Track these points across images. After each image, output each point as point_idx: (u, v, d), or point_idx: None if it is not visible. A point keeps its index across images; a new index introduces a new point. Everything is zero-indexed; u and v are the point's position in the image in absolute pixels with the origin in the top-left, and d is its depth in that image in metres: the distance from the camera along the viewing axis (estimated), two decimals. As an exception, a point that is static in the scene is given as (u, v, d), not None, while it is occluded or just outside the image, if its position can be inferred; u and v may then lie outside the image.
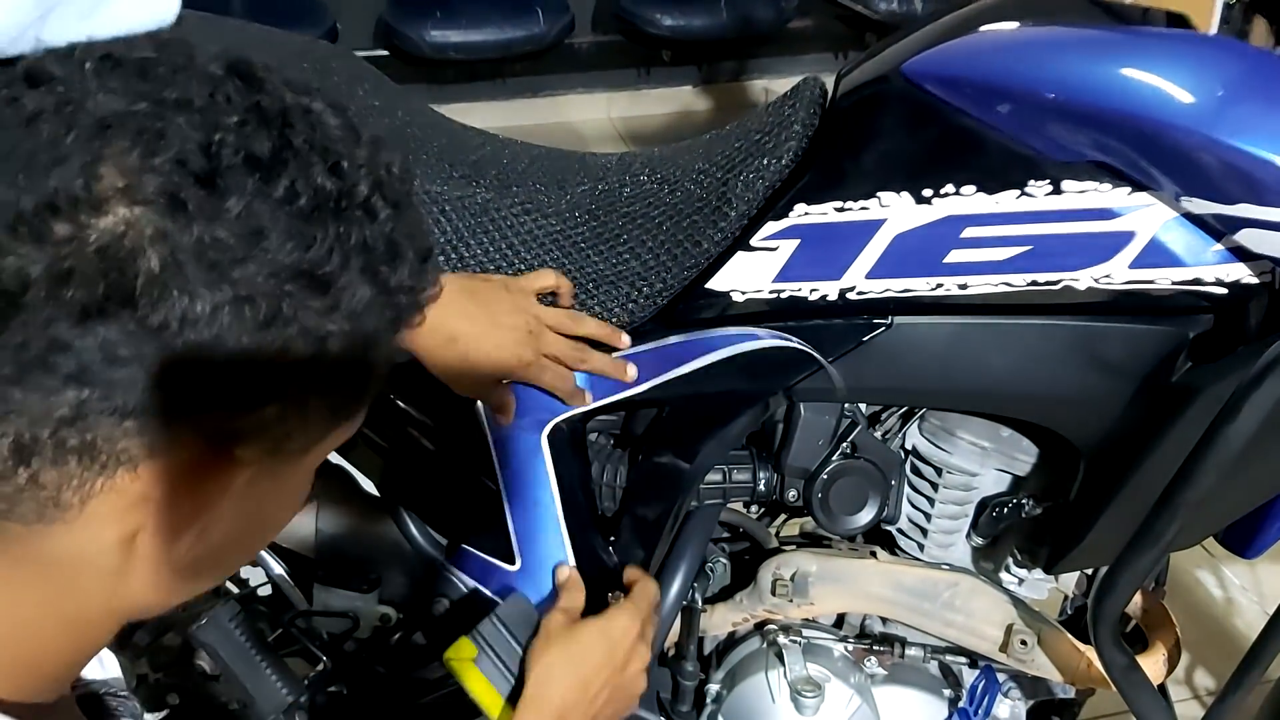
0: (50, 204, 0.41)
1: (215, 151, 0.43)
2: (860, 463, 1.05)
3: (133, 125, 0.43)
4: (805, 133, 0.99)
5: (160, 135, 0.43)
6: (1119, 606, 0.95)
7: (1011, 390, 0.98)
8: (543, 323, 0.96)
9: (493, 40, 3.21)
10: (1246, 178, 0.81)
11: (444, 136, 1.09)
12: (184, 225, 0.42)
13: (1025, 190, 0.90)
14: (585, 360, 0.98)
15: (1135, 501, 0.92)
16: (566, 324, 0.98)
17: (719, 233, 0.98)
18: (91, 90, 0.44)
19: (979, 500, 1.08)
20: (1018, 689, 1.16)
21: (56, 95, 0.44)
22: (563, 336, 0.97)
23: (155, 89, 0.44)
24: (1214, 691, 1.72)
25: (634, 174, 1.06)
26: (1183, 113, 0.82)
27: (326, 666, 1.09)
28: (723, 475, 1.07)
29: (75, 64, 0.45)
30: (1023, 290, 0.93)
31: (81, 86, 0.44)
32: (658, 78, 3.74)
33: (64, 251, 0.41)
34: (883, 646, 1.14)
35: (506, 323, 0.93)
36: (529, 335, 0.95)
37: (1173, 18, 0.98)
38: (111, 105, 0.43)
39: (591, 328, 0.99)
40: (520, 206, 1.02)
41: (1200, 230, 0.88)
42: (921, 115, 0.93)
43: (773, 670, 1.11)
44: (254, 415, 0.46)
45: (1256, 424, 0.81)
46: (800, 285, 0.96)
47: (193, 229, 0.42)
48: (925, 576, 1.10)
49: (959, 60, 0.93)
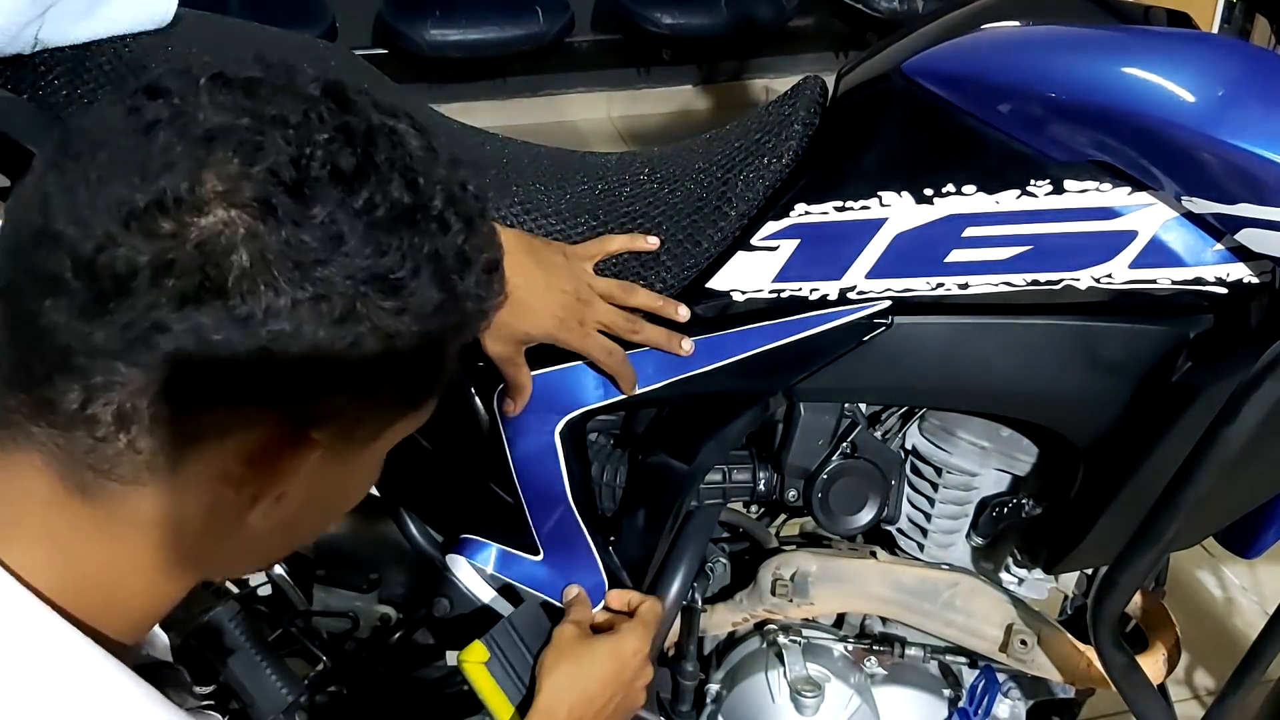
0: (159, 203, 0.47)
1: (305, 164, 0.49)
2: (860, 463, 1.05)
3: (235, 137, 0.48)
4: (806, 132, 0.99)
5: (258, 147, 0.48)
6: (1119, 606, 0.95)
7: (1012, 390, 0.98)
8: (595, 291, 0.96)
9: (492, 39, 3.21)
10: (1247, 177, 0.81)
11: (443, 136, 1.08)
12: (273, 228, 0.48)
13: (1026, 190, 0.90)
14: (638, 331, 0.97)
15: (1135, 501, 0.92)
16: (618, 294, 0.97)
17: (719, 232, 0.98)
18: (202, 104, 0.49)
19: (979, 500, 1.08)
20: (1018, 689, 1.16)
21: (172, 107, 0.49)
22: (615, 308, 0.97)
23: (257, 106, 0.50)
24: (1214, 691, 1.72)
25: (634, 174, 1.06)
26: (1184, 112, 0.82)
27: (326, 666, 1.09)
28: (723, 475, 1.07)
29: (190, 80, 0.51)
30: (1023, 290, 0.93)
31: (194, 101, 0.50)
32: (658, 77, 3.74)
33: (168, 245, 0.47)
34: (883, 646, 1.14)
35: (558, 285, 0.94)
36: (578, 302, 0.95)
37: (1174, 17, 0.98)
38: (218, 119, 0.49)
39: (643, 299, 0.98)
40: (520, 206, 1.02)
41: (1201, 230, 0.88)
42: (922, 114, 0.93)
43: (773, 670, 1.11)
44: (327, 401, 0.52)
45: (1256, 424, 0.81)
46: (800, 285, 0.96)
47: (281, 231, 0.48)
48: (925, 576, 1.10)
49: (960, 59, 0.93)
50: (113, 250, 0.47)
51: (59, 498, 0.51)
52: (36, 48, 0.93)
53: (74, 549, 0.52)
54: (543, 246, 0.96)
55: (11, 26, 0.90)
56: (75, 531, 0.52)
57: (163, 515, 0.52)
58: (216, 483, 0.52)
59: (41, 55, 0.94)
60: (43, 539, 0.52)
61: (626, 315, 0.97)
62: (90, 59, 0.95)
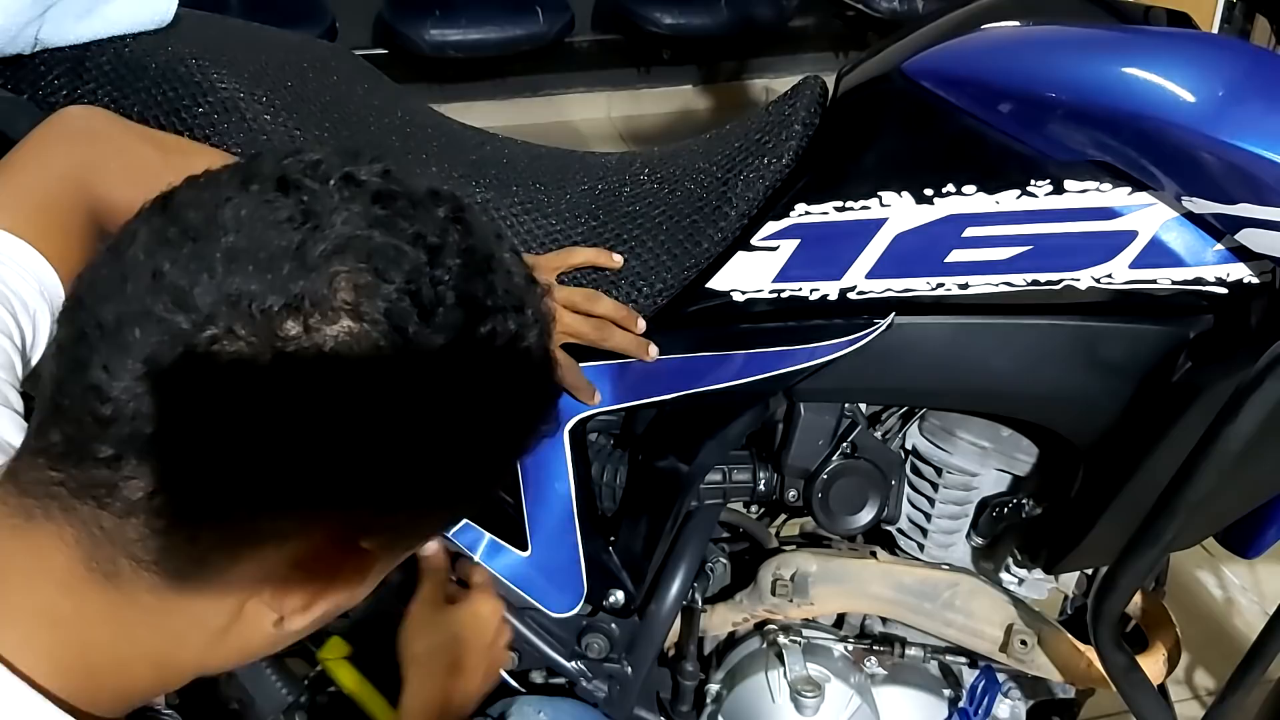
0: (288, 304, 0.46)
1: (438, 288, 0.48)
2: (860, 463, 1.05)
3: (369, 248, 0.47)
4: (806, 132, 0.99)
5: (395, 263, 0.47)
6: (1119, 606, 0.95)
7: (1012, 390, 0.98)
8: (556, 300, 0.96)
9: (492, 39, 3.21)
10: (1247, 177, 0.81)
11: (444, 136, 1.08)
12: (398, 346, 0.47)
13: (1026, 190, 0.90)
14: (606, 338, 0.97)
15: (1135, 501, 0.92)
16: (581, 303, 0.97)
17: (719, 232, 0.98)
18: (335, 206, 0.48)
19: (979, 500, 1.08)
20: (1018, 689, 1.16)
21: (303, 205, 0.48)
22: (580, 316, 0.97)
23: (392, 218, 0.49)
24: (1214, 691, 1.72)
25: (634, 174, 1.06)
26: (1184, 112, 0.82)
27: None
28: (723, 475, 1.07)
29: (320, 176, 0.50)
30: (1023, 290, 0.93)
31: (327, 202, 0.48)
32: (658, 77, 3.74)
33: (289, 346, 0.46)
34: (883, 646, 1.14)
35: None
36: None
37: (1174, 17, 0.98)
38: (354, 226, 0.48)
39: (607, 308, 0.98)
40: (520, 206, 1.02)
41: (1201, 230, 0.88)
42: (922, 115, 0.93)
43: (773, 670, 1.11)
44: (391, 517, 0.52)
45: (1256, 424, 0.81)
46: (800, 285, 0.96)
47: (405, 351, 0.47)
48: (925, 576, 1.10)
49: (960, 59, 0.92)
50: (227, 343, 0.45)
51: (76, 577, 0.49)
52: (36, 48, 0.94)
53: (77, 633, 0.50)
54: None
55: (11, 26, 0.90)
56: (82, 616, 0.50)
57: (189, 612, 0.51)
58: (257, 583, 0.51)
59: (41, 55, 0.94)
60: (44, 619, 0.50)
61: (595, 322, 0.97)
62: (90, 59, 0.95)
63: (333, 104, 1.03)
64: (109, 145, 0.82)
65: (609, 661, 1.10)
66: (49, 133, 0.81)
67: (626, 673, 1.11)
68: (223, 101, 0.95)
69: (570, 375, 0.98)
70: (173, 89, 0.95)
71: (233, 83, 0.96)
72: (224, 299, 0.45)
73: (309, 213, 0.48)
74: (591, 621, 1.10)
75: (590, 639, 1.10)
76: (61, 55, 0.95)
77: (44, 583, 0.49)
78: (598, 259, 0.99)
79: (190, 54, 0.97)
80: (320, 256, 0.47)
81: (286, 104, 0.98)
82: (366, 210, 0.49)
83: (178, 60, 0.96)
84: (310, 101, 1.01)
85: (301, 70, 1.03)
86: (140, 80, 0.95)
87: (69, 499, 0.48)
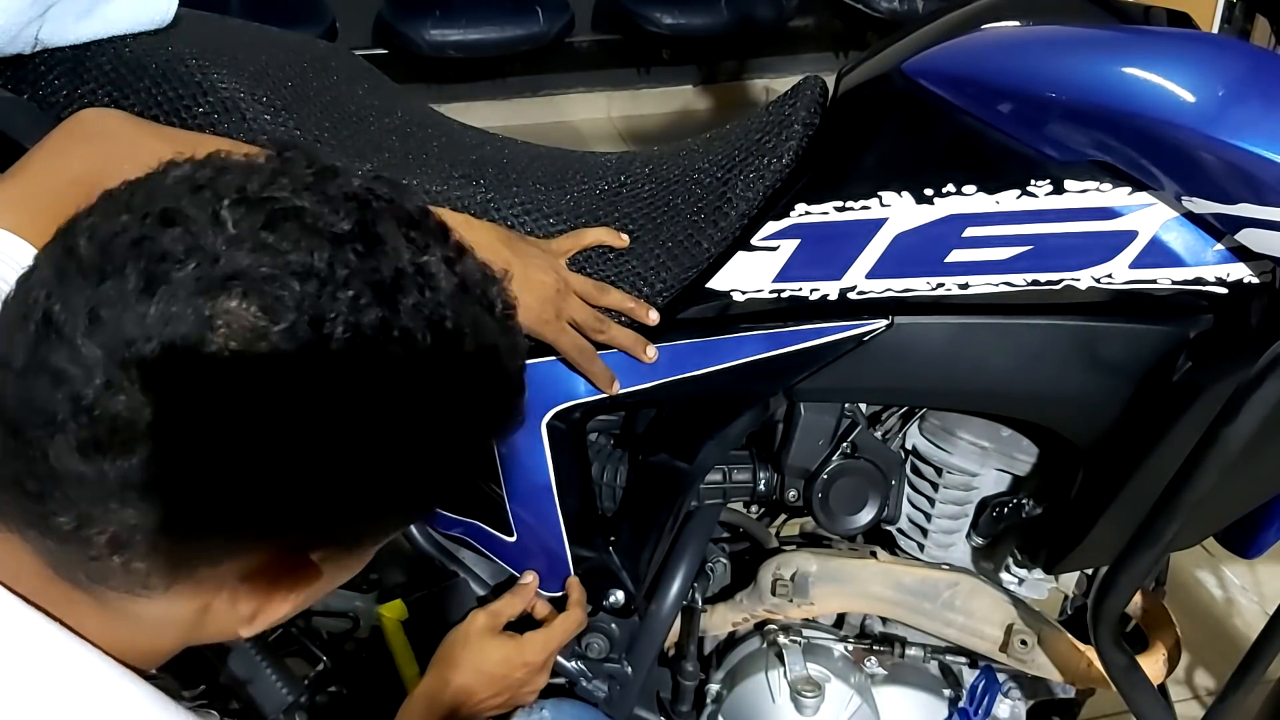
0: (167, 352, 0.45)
1: (325, 326, 0.47)
2: (860, 463, 1.05)
3: (251, 286, 0.46)
4: (806, 132, 0.99)
5: (277, 300, 0.46)
6: (1119, 606, 0.95)
7: (1012, 390, 0.98)
8: (570, 287, 0.96)
9: (492, 39, 3.21)
10: (1247, 177, 0.81)
11: (444, 136, 1.08)
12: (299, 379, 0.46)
13: (1026, 190, 0.89)
14: (604, 331, 0.97)
15: (1135, 501, 0.92)
16: (592, 293, 0.97)
17: (719, 232, 0.98)
18: (222, 236, 0.47)
19: (979, 500, 1.08)
20: (1018, 689, 1.16)
21: (187, 240, 0.46)
22: (587, 305, 0.97)
23: (279, 244, 0.47)
24: (1214, 691, 1.72)
25: (634, 174, 1.06)
26: (1184, 112, 0.82)
27: (326, 666, 1.09)
28: (723, 475, 1.07)
29: (208, 205, 0.47)
30: (1024, 290, 0.93)
31: (211, 234, 0.47)
32: (658, 77, 3.74)
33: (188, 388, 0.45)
34: (883, 646, 1.14)
35: (535, 277, 0.93)
36: (555, 294, 0.94)
37: (1174, 17, 0.98)
38: (236, 259, 0.46)
39: (616, 299, 0.98)
40: (520, 206, 1.02)
41: (1201, 230, 0.88)
42: (922, 114, 0.93)
43: (773, 670, 1.11)
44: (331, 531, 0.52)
45: (1256, 424, 0.81)
46: (801, 285, 0.96)
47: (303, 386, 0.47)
48: (925, 576, 1.10)
49: (960, 59, 0.92)
50: (113, 399, 0.45)
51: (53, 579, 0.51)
52: (36, 48, 0.93)
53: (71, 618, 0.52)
54: (518, 239, 0.97)
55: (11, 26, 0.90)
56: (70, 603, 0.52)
57: (155, 618, 0.53)
58: (211, 595, 0.52)
59: (41, 55, 0.94)
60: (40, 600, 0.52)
61: (596, 315, 0.97)
62: (90, 59, 0.95)
63: (333, 104, 1.03)
64: (122, 146, 0.83)
65: (609, 661, 1.11)
66: (63, 136, 0.82)
67: (626, 673, 1.11)
68: (223, 101, 0.95)
69: (588, 363, 0.98)
70: (173, 89, 0.95)
71: (233, 83, 0.96)
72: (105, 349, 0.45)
73: (192, 249, 0.46)
74: (591, 621, 1.10)
75: (590, 639, 1.10)
76: (61, 55, 0.95)
77: (28, 577, 0.52)
78: (607, 238, 0.99)
79: (190, 54, 0.97)
80: (197, 300, 0.45)
81: (286, 104, 0.98)
82: (254, 235, 0.47)
83: (178, 60, 0.96)
84: (310, 101, 1.01)
85: (301, 70, 1.03)
86: (140, 80, 0.95)
87: (18, 523, 0.50)
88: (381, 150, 1.01)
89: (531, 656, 0.99)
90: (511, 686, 0.98)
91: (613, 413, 1.08)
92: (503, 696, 0.98)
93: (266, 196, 0.48)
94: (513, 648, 0.98)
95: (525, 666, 0.98)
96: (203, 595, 0.52)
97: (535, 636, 1.00)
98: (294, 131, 0.97)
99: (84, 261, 0.47)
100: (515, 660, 0.98)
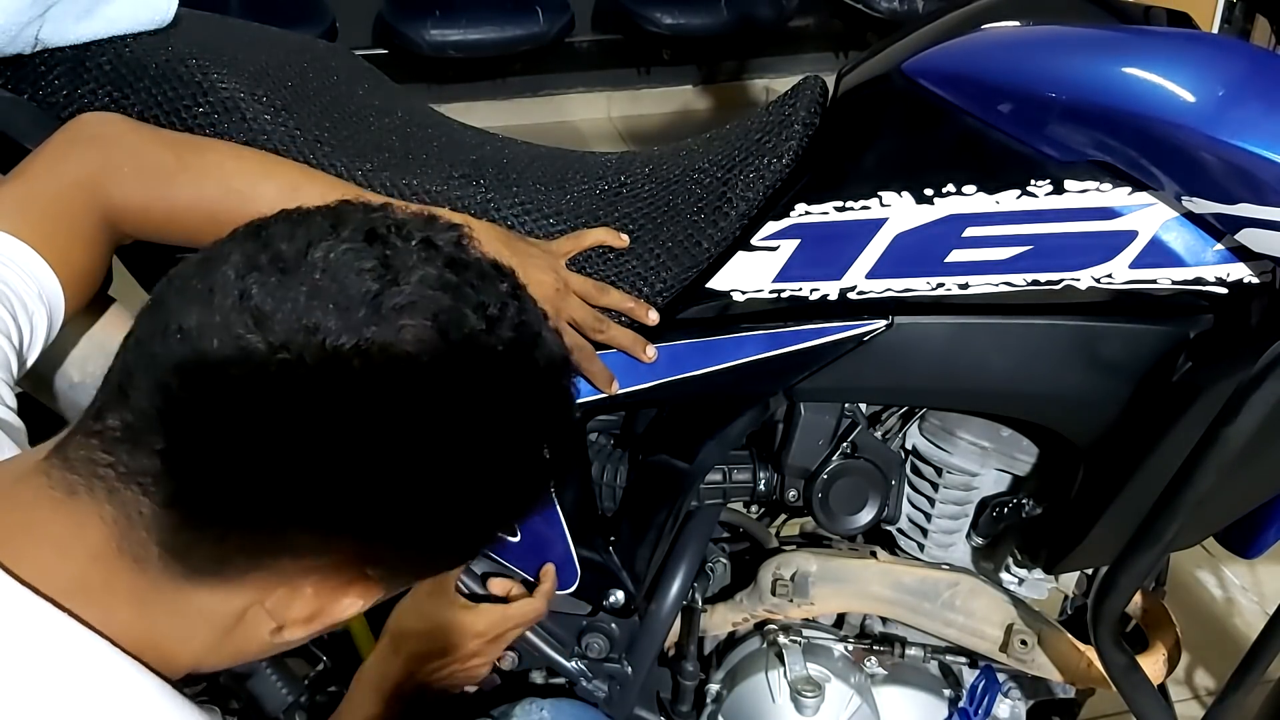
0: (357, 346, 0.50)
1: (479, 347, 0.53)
2: (860, 463, 1.05)
3: (436, 308, 0.52)
4: (806, 132, 0.99)
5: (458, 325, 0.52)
6: (1119, 606, 0.95)
7: (1012, 390, 0.98)
8: (569, 287, 0.96)
9: (492, 39, 3.21)
10: (1247, 177, 0.81)
11: (444, 136, 1.08)
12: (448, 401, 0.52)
13: (1026, 190, 0.90)
14: (603, 331, 0.97)
15: (1135, 501, 0.92)
16: (591, 292, 0.97)
17: (719, 232, 0.98)
18: (413, 264, 0.53)
19: (979, 500, 1.08)
20: (1018, 689, 1.16)
21: (385, 258, 0.53)
22: (587, 305, 0.97)
23: (460, 285, 0.54)
24: (1214, 691, 1.72)
25: (634, 174, 1.06)
26: (1184, 112, 0.82)
27: (326, 666, 1.09)
28: (723, 475, 1.07)
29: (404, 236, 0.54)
30: (1024, 290, 0.93)
31: (405, 258, 0.53)
32: (658, 77, 3.74)
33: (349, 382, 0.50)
34: (883, 646, 1.14)
35: (535, 277, 0.93)
36: (555, 294, 0.95)
37: (1174, 17, 0.98)
38: (427, 285, 0.53)
39: (615, 299, 0.98)
40: (520, 206, 1.02)
41: (1201, 230, 0.88)
42: (922, 114, 0.93)
43: (773, 670, 1.11)
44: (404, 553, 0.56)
45: (1256, 424, 0.81)
46: (800, 285, 0.96)
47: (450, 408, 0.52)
48: (925, 576, 1.10)
49: (960, 59, 0.92)
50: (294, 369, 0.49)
51: (108, 554, 0.52)
52: (36, 48, 0.93)
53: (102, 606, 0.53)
54: (518, 239, 0.97)
55: (11, 26, 0.90)
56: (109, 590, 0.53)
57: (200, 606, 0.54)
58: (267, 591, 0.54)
59: (41, 55, 0.94)
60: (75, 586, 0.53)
61: (596, 314, 0.97)
62: (90, 59, 0.95)
63: (333, 104, 1.03)
64: (121, 149, 0.84)
65: (609, 661, 1.11)
66: (63, 140, 0.83)
67: (627, 673, 1.11)
68: (223, 101, 0.95)
69: (588, 363, 0.98)
70: (173, 89, 0.95)
71: (233, 83, 0.96)
72: (301, 329, 0.50)
73: (389, 266, 0.52)
74: (591, 621, 1.10)
75: (590, 639, 1.10)
76: (61, 55, 0.95)
77: (78, 554, 0.52)
78: (607, 238, 0.99)
79: (190, 54, 0.97)
80: (393, 308, 0.51)
81: (286, 104, 0.98)
82: (440, 273, 0.53)
83: (178, 60, 0.96)
84: (310, 101, 1.01)
85: (301, 70, 1.03)
86: (140, 80, 0.95)
87: (115, 481, 0.51)
88: (381, 150, 1.01)
89: (484, 627, 0.98)
90: (462, 657, 0.97)
91: (612, 412, 1.08)
92: (451, 666, 0.97)
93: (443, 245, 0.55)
94: (465, 614, 0.97)
95: (477, 637, 0.97)
96: (261, 592, 0.54)
97: (492, 610, 0.99)
98: (294, 131, 0.97)
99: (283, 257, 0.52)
100: (466, 628, 0.96)
